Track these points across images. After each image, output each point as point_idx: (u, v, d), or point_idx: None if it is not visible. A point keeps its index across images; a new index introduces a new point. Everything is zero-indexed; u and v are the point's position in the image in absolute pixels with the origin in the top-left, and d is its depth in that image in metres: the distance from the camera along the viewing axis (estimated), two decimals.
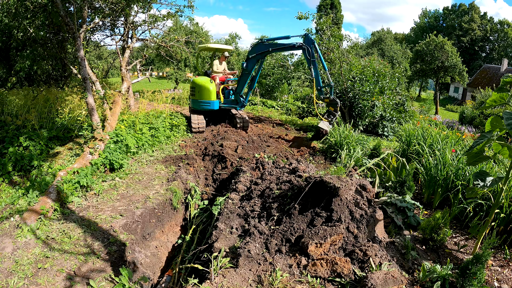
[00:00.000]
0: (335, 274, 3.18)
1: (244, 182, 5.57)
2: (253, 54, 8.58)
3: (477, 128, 18.21)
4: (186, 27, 27.33)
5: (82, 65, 6.38)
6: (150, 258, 4.49)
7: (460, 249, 3.99)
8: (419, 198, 5.46)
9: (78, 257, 3.81)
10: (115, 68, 31.68)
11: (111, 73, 35.99)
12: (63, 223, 4.38)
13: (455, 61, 34.55)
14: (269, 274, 3.17)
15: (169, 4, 9.44)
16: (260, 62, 8.88)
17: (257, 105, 16.57)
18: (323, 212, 3.83)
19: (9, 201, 4.64)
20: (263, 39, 8.51)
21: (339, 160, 7.14)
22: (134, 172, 6.22)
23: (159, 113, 9.30)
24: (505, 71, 39.08)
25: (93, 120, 6.46)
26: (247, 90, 9.48)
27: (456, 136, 6.55)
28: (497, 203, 3.54)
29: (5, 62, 9.92)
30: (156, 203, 5.17)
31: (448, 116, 29.29)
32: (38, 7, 7.84)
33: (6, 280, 3.34)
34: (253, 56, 8.58)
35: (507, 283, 3.41)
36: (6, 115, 6.50)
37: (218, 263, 3.25)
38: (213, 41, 31.12)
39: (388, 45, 47.65)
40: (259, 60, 8.72)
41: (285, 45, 8.19)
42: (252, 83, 9.36)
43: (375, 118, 11.45)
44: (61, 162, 5.95)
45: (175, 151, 7.70)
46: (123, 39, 9.82)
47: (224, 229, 4.10)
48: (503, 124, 3.03)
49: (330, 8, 42.54)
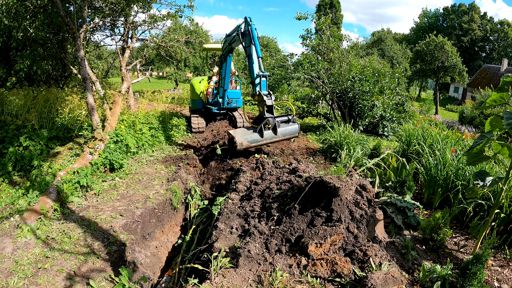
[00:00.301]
0: (335, 274, 3.18)
1: (244, 182, 5.56)
2: (221, 53, 8.01)
3: (477, 128, 18.22)
4: (186, 27, 27.33)
5: (82, 65, 6.38)
6: (150, 258, 4.49)
7: (460, 249, 3.99)
8: (419, 198, 5.46)
9: (78, 257, 3.81)
10: (115, 68, 31.65)
11: (111, 73, 35.96)
12: (63, 223, 4.38)
13: (455, 61, 34.57)
14: (269, 274, 3.17)
15: (169, 4, 9.44)
16: (227, 59, 8.00)
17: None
18: (323, 212, 3.83)
19: (9, 201, 4.64)
20: (226, 34, 7.83)
21: (339, 160, 7.14)
22: (134, 172, 6.21)
23: (159, 113, 9.31)
24: (505, 71, 39.07)
25: (93, 120, 6.46)
26: (222, 91, 8.84)
27: (456, 136, 6.55)
28: (497, 203, 3.54)
29: (5, 62, 9.93)
30: (156, 203, 5.17)
31: (448, 116, 29.31)
32: (38, 7, 7.83)
33: (6, 280, 3.34)
34: (221, 56, 8.04)
35: (507, 283, 3.41)
36: (6, 115, 6.49)
37: (218, 263, 3.25)
38: (213, 41, 31.11)
39: (388, 45, 47.68)
40: (226, 56, 7.94)
41: (233, 37, 7.23)
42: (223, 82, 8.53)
43: (375, 118, 11.45)
44: (61, 162, 5.95)
45: (175, 151, 7.70)
46: (123, 39, 9.82)
47: (224, 229, 4.10)
48: (503, 124, 3.03)
49: (329, 8, 42.56)
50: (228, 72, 8.26)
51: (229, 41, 7.53)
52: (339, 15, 44.19)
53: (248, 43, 6.40)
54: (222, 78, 8.37)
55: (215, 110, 9.27)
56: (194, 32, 26.75)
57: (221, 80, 8.55)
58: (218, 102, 9.11)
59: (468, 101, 34.49)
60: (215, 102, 9.27)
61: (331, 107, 13.12)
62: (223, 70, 8.19)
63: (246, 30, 6.50)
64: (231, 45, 7.59)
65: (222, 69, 8.22)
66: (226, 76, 8.32)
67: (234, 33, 7.07)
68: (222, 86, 8.62)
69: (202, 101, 9.40)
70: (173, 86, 31.93)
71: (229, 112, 9.84)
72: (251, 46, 6.31)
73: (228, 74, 8.31)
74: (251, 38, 6.30)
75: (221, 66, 8.21)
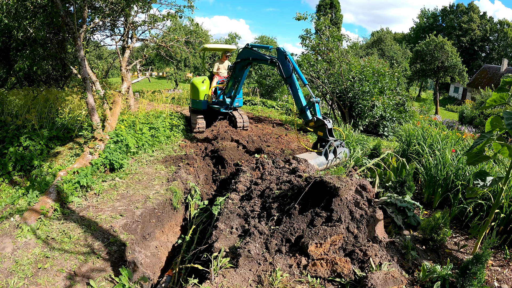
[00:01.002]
0: (335, 274, 3.18)
1: (244, 182, 5.56)
2: (238, 60, 7.87)
3: (477, 128, 18.23)
4: (186, 27, 27.35)
5: (82, 65, 6.38)
6: (150, 258, 4.49)
7: (460, 249, 3.99)
8: (419, 198, 5.46)
9: (78, 257, 3.81)
10: (115, 68, 31.68)
11: (111, 73, 35.97)
12: (63, 223, 4.38)
13: (455, 61, 34.60)
14: (269, 274, 3.17)
15: (169, 4, 9.44)
16: (245, 69, 8.04)
17: (257, 105, 16.58)
18: (323, 212, 3.83)
19: (9, 201, 4.64)
20: (248, 45, 7.63)
21: None
22: (134, 172, 6.22)
23: (159, 113, 9.31)
24: (505, 71, 39.08)
25: (93, 120, 6.46)
26: (233, 94, 8.85)
27: (456, 136, 6.55)
28: (497, 203, 3.54)
29: (5, 62, 9.92)
30: (156, 203, 5.17)
31: (448, 116, 29.33)
32: (38, 7, 7.84)
33: (6, 280, 3.34)
34: (238, 62, 7.88)
35: (507, 283, 3.42)
36: (6, 115, 6.49)
37: (218, 263, 3.25)
38: (213, 41, 31.12)
39: (388, 45, 47.70)
40: (244, 67, 7.92)
41: (261, 58, 7.25)
42: (237, 87, 8.59)
43: (375, 118, 11.46)
44: (61, 162, 5.95)
45: (175, 151, 7.70)
46: (123, 39, 9.82)
47: (224, 229, 4.10)
48: (503, 124, 3.03)
49: (329, 8, 42.57)
50: (244, 78, 8.45)
51: (254, 56, 7.45)
52: (339, 15, 44.19)
53: (287, 73, 6.48)
54: (237, 82, 8.42)
55: (223, 110, 9.26)
56: (194, 32, 26.77)
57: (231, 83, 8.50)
58: (224, 102, 9.04)
59: (468, 101, 34.51)
60: (221, 102, 9.23)
61: (331, 107, 13.13)
62: (241, 77, 8.24)
63: (283, 61, 6.55)
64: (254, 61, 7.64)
65: (234, 75, 8.17)
66: (242, 81, 8.50)
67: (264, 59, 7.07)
68: (234, 89, 8.64)
69: (206, 101, 9.33)
70: (173, 86, 31.96)
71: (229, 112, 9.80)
72: (292, 76, 6.43)
73: (243, 79, 8.49)
74: (292, 68, 6.44)
75: (234, 71, 8.11)
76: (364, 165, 6.64)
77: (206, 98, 9.30)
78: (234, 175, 6.38)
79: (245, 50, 7.63)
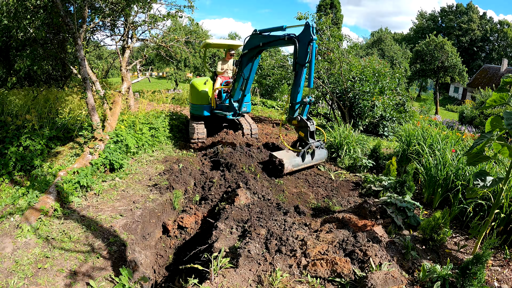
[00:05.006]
0: (335, 274, 3.18)
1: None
2: (245, 51, 6.67)
3: (477, 128, 18.22)
4: (186, 27, 27.36)
5: (82, 65, 6.38)
6: (150, 258, 4.49)
7: (460, 249, 3.99)
8: (419, 198, 5.46)
9: (78, 257, 3.81)
10: (115, 68, 31.69)
11: (111, 73, 36.00)
12: (63, 223, 4.38)
13: (455, 61, 34.62)
14: (269, 274, 3.17)
15: (169, 4, 9.44)
16: (255, 61, 6.82)
17: (257, 105, 16.58)
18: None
19: (9, 201, 4.64)
20: (256, 30, 6.47)
21: (339, 160, 7.15)
22: (134, 172, 6.22)
23: (159, 113, 9.30)
24: (505, 71, 39.10)
25: (93, 120, 6.46)
26: (240, 96, 7.48)
27: (456, 136, 6.54)
28: (497, 203, 3.54)
29: (5, 62, 9.93)
30: (156, 203, 5.17)
31: (448, 116, 29.33)
32: (38, 7, 7.83)
33: (6, 280, 3.34)
34: (245, 53, 6.68)
35: (507, 283, 3.41)
36: (6, 115, 6.49)
37: (218, 263, 3.25)
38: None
39: (388, 45, 47.71)
40: (253, 57, 6.71)
41: (275, 39, 6.06)
42: (245, 87, 7.19)
43: (375, 118, 11.46)
44: (61, 162, 5.95)
45: (175, 151, 7.70)
46: (123, 39, 9.82)
47: (224, 229, 4.10)
48: (503, 124, 3.03)
49: (330, 8, 42.56)
50: (253, 75, 7.18)
51: (264, 41, 6.23)
52: (340, 15, 44.18)
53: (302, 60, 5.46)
54: (245, 81, 7.06)
55: (230, 116, 7.73)
56: (194, 32, 26.77)
57: (238, 82, 7.20)
58: (231, 107, 7.63)
59: (468, 101, 34.51)
60: (226, 107, 7.85)
61: (331, 107, 13.13)
62: (249, 73, 6.96)
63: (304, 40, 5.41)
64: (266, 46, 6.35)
65: (243, 70, 6.92)
66: (250, 79, 7.16)
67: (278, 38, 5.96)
68: (242, 90, 7.25)
69: (209, 106, 7.97)
70: (173, 86, 31.96)
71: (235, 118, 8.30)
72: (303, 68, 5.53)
73: (252, 77, 7.24)
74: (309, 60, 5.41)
75: (242, 67, 6.91)
76: (364, 165, 6.65)
77: (209, 103, 8.01)
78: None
79: (253, 37, 6.51)
